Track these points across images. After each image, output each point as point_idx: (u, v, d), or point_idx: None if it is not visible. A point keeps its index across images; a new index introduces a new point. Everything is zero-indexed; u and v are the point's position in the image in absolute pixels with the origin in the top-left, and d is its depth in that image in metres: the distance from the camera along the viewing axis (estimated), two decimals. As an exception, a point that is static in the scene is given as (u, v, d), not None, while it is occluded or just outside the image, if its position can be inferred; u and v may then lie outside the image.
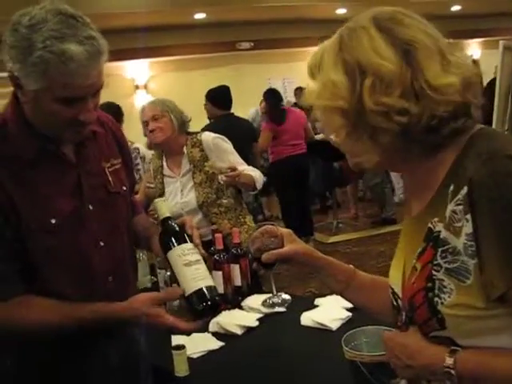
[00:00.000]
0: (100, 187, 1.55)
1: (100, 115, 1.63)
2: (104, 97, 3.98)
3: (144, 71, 9.97)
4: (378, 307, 1.30)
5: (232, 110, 5.41)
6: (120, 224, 1.61)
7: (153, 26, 8.60)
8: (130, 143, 3.69)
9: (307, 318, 2.16)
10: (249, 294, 2.50)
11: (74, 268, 1.48)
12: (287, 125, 6.31)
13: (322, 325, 2.10)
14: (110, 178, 1.58)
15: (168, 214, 1.49)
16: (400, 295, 1.11)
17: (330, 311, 2.18)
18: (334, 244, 6.71)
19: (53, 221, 1.43)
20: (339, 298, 1.43)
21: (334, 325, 2.09)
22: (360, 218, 7.81)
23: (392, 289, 1.16)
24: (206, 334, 2.16)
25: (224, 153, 3.14)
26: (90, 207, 1.51)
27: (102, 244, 1.53)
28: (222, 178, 2.99)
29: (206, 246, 1.71)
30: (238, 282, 2.49)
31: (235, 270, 2.48)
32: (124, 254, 1.63)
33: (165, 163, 3.21)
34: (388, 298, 1.18)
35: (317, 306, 2.30)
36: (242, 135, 4.88)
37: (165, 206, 1.51)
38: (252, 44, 10.02)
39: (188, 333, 2.12)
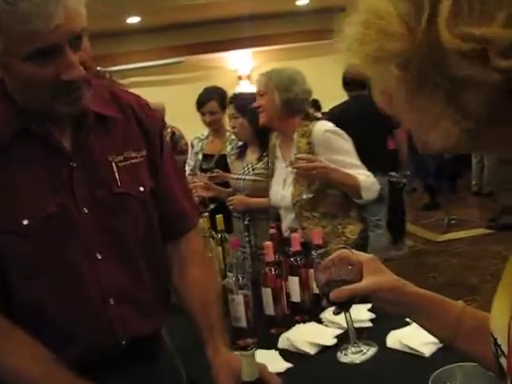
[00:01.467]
0: (101, 186, 1.25)
1: (121, 96, 1.35)
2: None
3: (247, 62, 9.80)
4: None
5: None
6: (128, 235, 1.30)
7: (255, 14, 8.38)
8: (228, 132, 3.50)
9: (394, 340, 1.78)
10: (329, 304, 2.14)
11: (58, 283, 1.20)
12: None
13: (411, 349, 1.71)
14: (118, 175, 1.27)
15: (249, 379, 1.18)
16: (505, 351, 0.70)
17: (422, 331, 1.78)
18: (444, 243, 6.14)
19: (25, 221, 1.16)
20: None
21: (427, 350, 1.69)
22: (475, 213, 7.13)
23: (494, 339, 0.74)
24: (272, 351, 1.84)
25: (333, 151, 2.57)
26: (85, 210, 1.22)
27: (99, 257, 1.24)
28: (290, 168, 2.57)
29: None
30: (316, 289, 2.13)
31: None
32: (136, 273, 1.32)
33: (278, 142, 2.82)
34: None
35: (408, 323, 1.90)
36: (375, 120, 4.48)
37: (249, 367, 1.19)
38: (359, 29, 9.50)
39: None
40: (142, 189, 1.32)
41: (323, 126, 2.63)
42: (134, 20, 8.20)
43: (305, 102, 2.68)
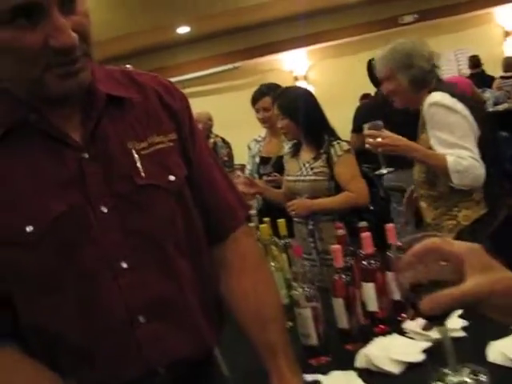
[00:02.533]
0: (120, 178, 1.03)
1: (137, 76, 1.14)
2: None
3: (302, 61, 9.55)
4: None
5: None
6: (163, 235, 1.07)
7: (307, 11, 8.14)
8: None
9: (497, 353, 1.47)
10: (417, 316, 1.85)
11: (73, 300, 1.00)
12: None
13: (520, 364, 1.41)
14: (140, 164, 1.05)
15: None
16: None
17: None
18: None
19: (28, 228, 0.96)
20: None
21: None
22: None
23: None
24: (350, 372, 1.57)
25: (437, 127, 2.36)
26: (103, 209, 1.01)
27: (124, 266, 1.02)
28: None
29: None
30: (396, 295, 1.85)
31: (392, 279, 1.85)
32: (176, 282, 1.09)
33: None
34: None
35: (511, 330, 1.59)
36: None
37: None
38: (416, 16, 9.08)
39: (325, 369, 1.60)
40: (172, 178, 1.09)
41: (431, 99, 2.40)
42: (183, 30, 8.12)
43: (430, 73, 2.47)
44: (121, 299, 1.01)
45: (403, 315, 1.82)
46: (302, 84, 9.41)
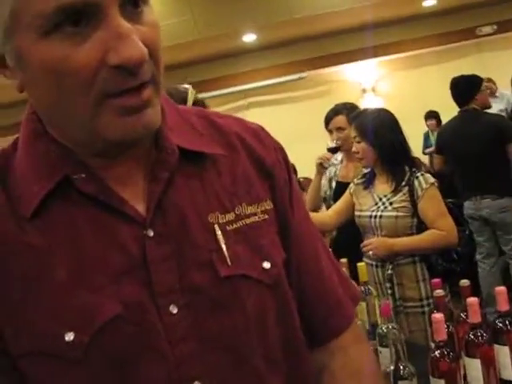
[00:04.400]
0: (198, 266, 0.75)
1: (219, 121, 0.86)
2: (329, 105, 3.32)
3: (371, 72, 9.18)
4: None
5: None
6: (248, 344, 0.77)
7: (378, 21, 7.79)
8: None
9: None
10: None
11: None
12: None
13: None
14: (225, 246, 0.77)
15: None
16: None
17: None
18: None
19: (68, 336, 0.69)
20: None
21: None
22: None
23: None
24: None
25: None
26: (172, 309, 0.73)
27: None
28: None
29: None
30: (507, 373, 1.53)
31: (503, 353, 1.52)
32: None
33: None
34: None
35: None
36: (477, 135, 3.84)
37: None
38: (495, 27, 8.56)
39: None
40: (267, 265, 0.80)
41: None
42: (250, 38, 7.91)
43: None
44: None
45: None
46: (369, 96, 9.06)
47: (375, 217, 2.54)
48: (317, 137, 3.49)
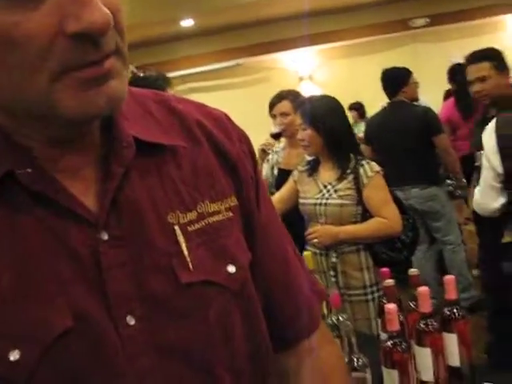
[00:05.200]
0: (157, 271, 0.67)
1: (179, 108, 0.78)
2: (265, 92, 3.29)
3: (308, 61, 9.24)
4: None
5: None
6: (211, 356, 0.70)
7: (316, 9, 7.83)
8: None
9: None
10: (473, 382, 1.56)
11: None
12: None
13: None
14: (187, 249, 0.69)
15: None
16: None
17: None
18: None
19: (13, 355, 0.60)
20: None
21: None
22: None
23: None
24: None
25: None
26: (129, 320, 0.65)
27: None
28: None
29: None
30: (454, 360, 1.56)
31: (451, 341, 1.55)
32: None
33: None
34: None
35: None
36: (404, 127, 3.93)
37: None
38: (428, 20, 8.78)
39: None
40: (232, 269, 0.73)
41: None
42: (187, 23, 7.79)
43: None
44: None
45: None
46: (306, 84, 9.12)
47: (320, 204, 2.52)
48: (256, 123, 3.47)
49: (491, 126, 2.47)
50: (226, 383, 0.71)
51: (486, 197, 2.47)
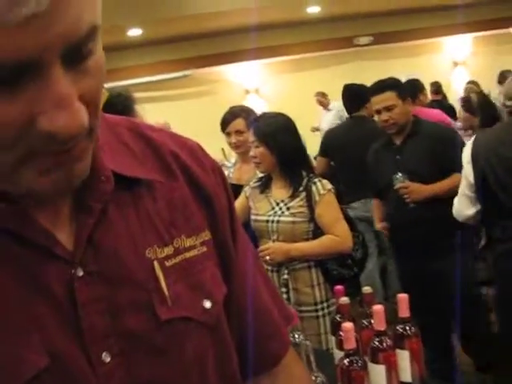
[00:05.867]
0: (135, 310, 0.66)
1: (154, 137, 0.76)
2: (212, 104, 3.31)
3: (255, 74, 9.34)
4: None
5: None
6: None
7: (264, 24, 7.92)
8: None
9: None
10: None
11: None
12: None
13: None
14: (165, 285, 0.69)
15: None
16: None
17: None
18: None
19: None
20: None
21: None
22: None
23: None
24: None
25: None
26: (105, 357, 0.64)
27: None
28: None
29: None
30: (406, 376, 1.61)
31: (403, 358, 1.60)
32: None
33: None
34: None
35: None
36: (364, 140, 3.97)
37: None
38: (371, 38, 9.04)
39: None
40: (208, 305, 0.72)
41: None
42: (135, 33, 7.73)
43: None
44: None
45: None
46: (253, 97, 9.19)
47: (272, 221, 2.53)
48: (203, 135, 3.47)
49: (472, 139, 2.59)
50: None
51: (460, 204, 2.57)
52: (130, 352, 0.65)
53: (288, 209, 2.51)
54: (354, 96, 4.24)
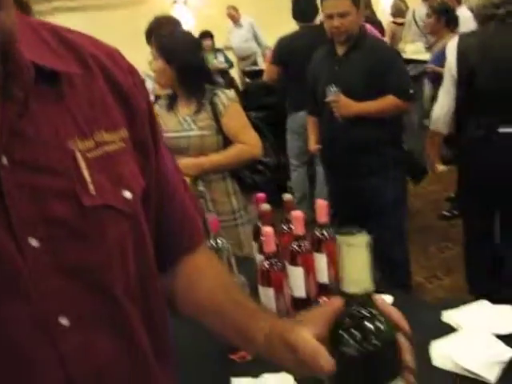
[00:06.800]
0: (59, 195, 0.70)
1: (72, 39, 0.78)
2: (139, 15, 3.18)
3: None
4: None
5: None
6: (112, 275, 0.75)
7: None
8: None
9: (444, 357, 1.38)
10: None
11: None
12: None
13: (471, 373, 1.31)
14: (88, 174, 0.73)
15: (356, 290, 0.68)
16: None
17: (476, 342, 1.39)
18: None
19: None
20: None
21: (491, 373, 1.30)
22: None
23: None
24: (281, 374, 1.41)
25: None
26: (32, 242, 0.67)
27: (64, 323, 0.70)
28: None
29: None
30: (323, 278, 1.70)
31: (321, 261, 1.68)
32: (127, 336, 0.78)
33: None
34: None
35: (453, 328, 1.50)
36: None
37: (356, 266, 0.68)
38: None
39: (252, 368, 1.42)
40: (128, 195, 0.77)
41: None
42: None
43: None
44: (60, 372, 0.70)
45: (324, 298, 1.69)
46: (180, 8, 8.88)
47: (181, 137, 2.55)
48: (128, 46, 3.36)
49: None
50: (124, 305, 0.77)
51: (442, 108, 2.88)
52: (56, 237, 0.69)
53: (195, 123, 2.54)
54: (308, 5, 4.13)
